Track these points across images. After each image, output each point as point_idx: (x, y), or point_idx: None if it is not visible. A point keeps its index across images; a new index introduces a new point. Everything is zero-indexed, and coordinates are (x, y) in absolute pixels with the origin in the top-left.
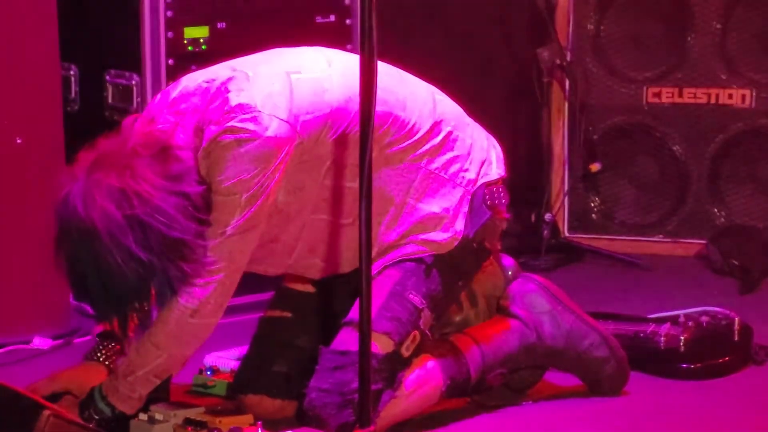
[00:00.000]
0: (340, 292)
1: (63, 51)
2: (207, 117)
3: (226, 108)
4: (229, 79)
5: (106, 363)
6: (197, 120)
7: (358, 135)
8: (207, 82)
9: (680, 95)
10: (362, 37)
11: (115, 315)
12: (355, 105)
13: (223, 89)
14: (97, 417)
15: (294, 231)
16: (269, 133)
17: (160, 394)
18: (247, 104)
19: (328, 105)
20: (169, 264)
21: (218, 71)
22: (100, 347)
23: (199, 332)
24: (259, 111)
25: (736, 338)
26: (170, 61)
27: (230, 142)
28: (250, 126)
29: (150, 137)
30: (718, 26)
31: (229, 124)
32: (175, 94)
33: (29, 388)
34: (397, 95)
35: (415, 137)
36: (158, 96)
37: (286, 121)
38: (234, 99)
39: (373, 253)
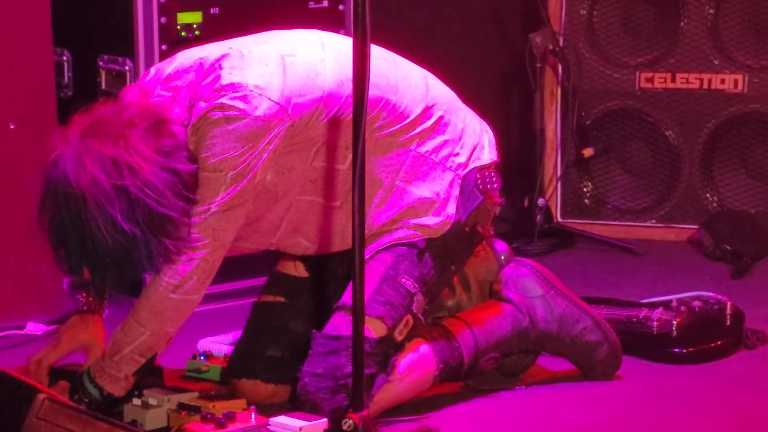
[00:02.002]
0: (333, 276)
1: (56, 36)
2: (199, 93)
3: (217, 85)
4: (224, 56)
5: (98, 311)
6: (190, 96)
7: (350, 118)
8: (202, 58)
9: (673, 80)
10: (355, 23)
11: (91, 275)
12: (347, 89)
13: (216, 66)
14: (86, 400)
15: (280, 211)
16: (258, 112)
17: (154, 380)
18: (238, 83)
19: (321, 89)
20: (152, 238)
21: (213, 48)
22: (83, 300)
23: (181, 308)
24: (251, 90)
25: (727, 323)
26: (163, 47)
27: (219, 118)
28: (240, 104)
29: (146, 109)
30: (711, 11)
31: (219, 101)
32: (170, 70)
33: (33, 359)
34: (389, 79)
35: (406, 121)
36: (152, 71)
37: (277, 103)
38: (226, 77)
39: (366, 233)
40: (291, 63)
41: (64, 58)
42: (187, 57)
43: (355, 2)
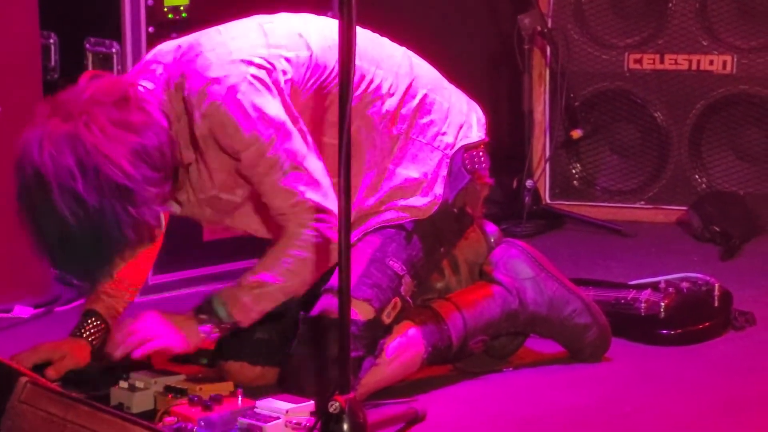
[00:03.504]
0: None
1: (43, 19)
2: (179, 70)
3: (200, 62)
4: (201, 35)
5: (90, 340)
6: (168, 74)
7: (336, 92)
8: (179, 43)
9: (661, 61)
10: (341, 5)
11: (77, 267)
12: (332, 58)
13: (195, 44)
14: (213, 320)
15: None
16: (252, 70)
17: (142, 363)
18: (222, 53)
19: (308, 46)
20: (117, 205)
21: (192, 34)
22: (85, 324)
23: (328, 255)
24: (237, 55)
25: (716, 304)
26: (150, 29)
27: (222, 94)
28: (234, 69)
29: (112, 86)
30: None
31: (211, 76)
32: (149, 57)
33: (12, 359)
34: (373, 58)
35: (391, 100)
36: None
37: (266, 58)
38: (209, 52)
39: (354, 216)
40: (271, 27)
41: (51, 41)
42: (166, 44)
43: None
